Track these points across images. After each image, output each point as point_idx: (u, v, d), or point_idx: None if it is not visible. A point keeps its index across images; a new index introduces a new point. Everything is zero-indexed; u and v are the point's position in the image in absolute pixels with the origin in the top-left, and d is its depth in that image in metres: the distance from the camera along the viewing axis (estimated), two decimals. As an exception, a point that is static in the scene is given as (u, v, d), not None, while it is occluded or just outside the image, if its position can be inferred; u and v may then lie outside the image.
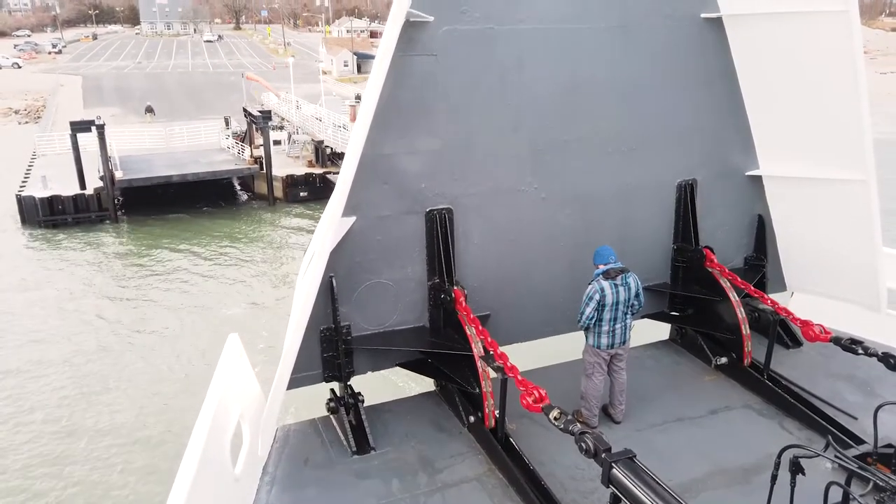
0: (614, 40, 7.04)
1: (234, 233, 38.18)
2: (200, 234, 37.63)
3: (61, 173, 39.89)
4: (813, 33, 6.78)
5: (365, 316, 6.88)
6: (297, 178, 43.96)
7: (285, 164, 45.85)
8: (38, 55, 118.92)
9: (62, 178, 39.58)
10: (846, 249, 7.78)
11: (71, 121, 39.85)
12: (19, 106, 74.78)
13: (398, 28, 5.64)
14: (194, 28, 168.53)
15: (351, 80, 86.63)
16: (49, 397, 21.35)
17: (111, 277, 31.73)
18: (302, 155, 47.91)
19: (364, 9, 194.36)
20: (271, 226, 40.13)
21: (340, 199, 5.84)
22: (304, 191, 43.57)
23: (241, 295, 29.49)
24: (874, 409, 5.75)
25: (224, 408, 5.50)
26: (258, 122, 42.10)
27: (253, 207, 43.12)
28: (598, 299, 6.65)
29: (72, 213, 38.50)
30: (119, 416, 20.16)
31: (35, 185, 39.69)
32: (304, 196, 43.34)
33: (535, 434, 6.66)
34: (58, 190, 38.68)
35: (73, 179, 38.95)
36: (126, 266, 33.24)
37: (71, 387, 21.91)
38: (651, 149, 7.69)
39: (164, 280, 31.25)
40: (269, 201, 42.85)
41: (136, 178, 39.93)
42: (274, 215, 41.50)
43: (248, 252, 35.34)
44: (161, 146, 48.29)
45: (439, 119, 6.56)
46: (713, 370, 8.09)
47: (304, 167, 45.91)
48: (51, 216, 38.10)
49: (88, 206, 38.87)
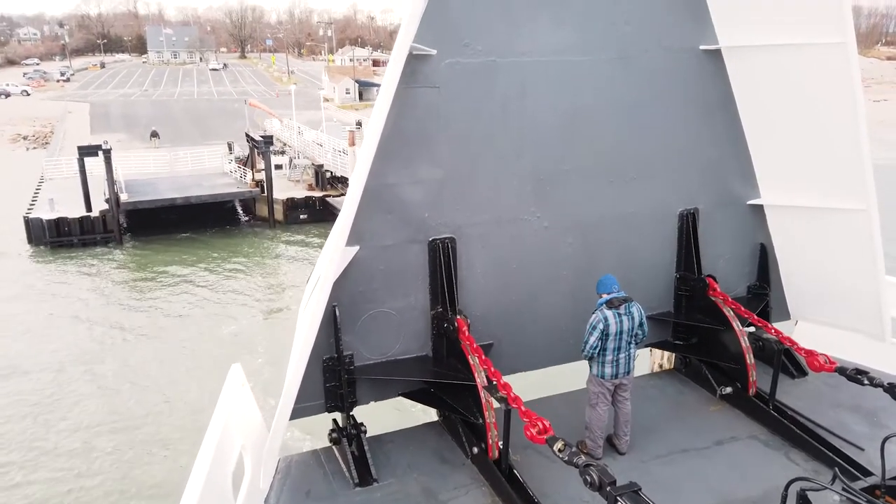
0: (614, 72, 7.16)
1: (235, 254, 39.11)
2: (202, 255, 38.58)
3: (68, 196, 41.06)
4: (811, 65, 6.84)
5: (368, 345, 6.86)
6: (298, 201, 45.07)
7: (286, 188, 47.00)
8: (46, 83, 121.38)
9: (69, 201, 40.73)
10: (849, 278, 7.76)
11: (78, 145, 41.10)
12: (28, 132, 76.41)
13: (402, 61, 5.74)
14: (200, 57, 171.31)
15: (353, 107, 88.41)
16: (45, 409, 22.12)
17: (112, 296, 32.67)
18: (302, 179, 49.14)
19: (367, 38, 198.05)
20: (272, 247, 41.08)
21: (344, 228, 5.86)
22: (304, 213, 44.66)
23: (242, 312, 30.36)
24: (881, 440, 5.70)
25: (226, 439, 5.46)
26: (260, 146, 43.33)
27: (254, 229, 44.16)
28: (602, 329, 6.61)
29: (77, 235, 39.55)
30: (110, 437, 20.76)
31: (42, 207, 40.82)
32: (304, 218, 44.41)
33: (540, 465, 6.57)
34: (64, 212, 39.79)
35: (79, 202, 40.05)
36: (128, 285, 34.19)
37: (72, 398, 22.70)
38: (652, 178, 7.75)
39: (165, 298, 32.17)
40: (269, 223, 43.89)
41: (141, 200, 41.06)
42: (274, 237, 42.49)
43: (249, 272, 36.26)
44: (165, 170, 49.54)
45: (442, 149, 6.64)
46: (718, 400, 8.02)
47: (304, 190, 47.07)
48: (57, 237, 39.14)
49: (94, 227, 39.93)
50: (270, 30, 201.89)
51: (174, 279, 34.95)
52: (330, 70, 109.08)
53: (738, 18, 7.25)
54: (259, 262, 38.45)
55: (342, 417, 6.96)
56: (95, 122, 76.69)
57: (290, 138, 57.75)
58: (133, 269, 36.72)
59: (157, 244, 40.32)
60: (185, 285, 34.05)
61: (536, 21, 6.66)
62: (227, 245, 40.62)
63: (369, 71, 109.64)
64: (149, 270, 36.35)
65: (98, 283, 34.43)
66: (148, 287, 33.99)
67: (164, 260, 37.80)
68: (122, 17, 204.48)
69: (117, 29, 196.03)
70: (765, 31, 7.10)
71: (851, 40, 6.52)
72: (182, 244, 40.49)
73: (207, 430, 5.34)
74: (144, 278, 35.20)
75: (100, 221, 40.00)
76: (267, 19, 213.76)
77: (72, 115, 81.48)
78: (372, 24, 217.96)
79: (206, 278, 35.05)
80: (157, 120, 73.94)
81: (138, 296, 32.70)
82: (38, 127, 78.73)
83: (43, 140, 71.46)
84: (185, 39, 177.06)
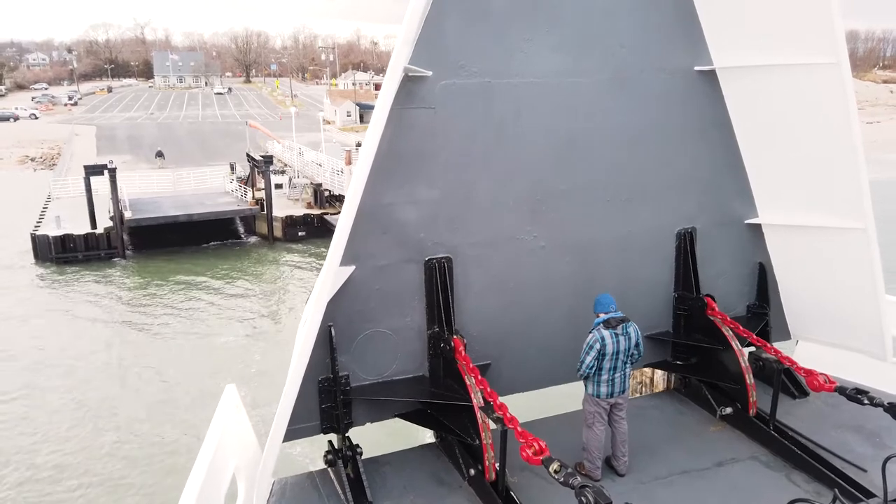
0: (610, 93, 7.21)
1: (235, 270, 40.37)
2: (203, 271, 39.83)
3: (74, 215, 42.57)
4: (805, 85, 6.86)
5: (364, 366, 6.84)
6: (296, 218, 46.45)
7: (285, 206, 48.40)
8: (54, 107, 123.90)
9: (75, 218, 42.22)
10: (849, 298, 7.70)
11: (85, 164, 42.60)
12: (35, 154, 78.33)
13: (396, 82, 5.81)
14: (206, 81, 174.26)
15: (353, 129, 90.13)
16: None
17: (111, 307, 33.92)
18: (301, 197, 50.59)
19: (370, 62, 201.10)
20: (271, 263, 42.37)
21: (339, 248, 5.88)
22: (303, 230, 46.05)
23: (240, 325, 31.51)
24: (882, 460, 5.69)
25: (219, 460, 5.42)
26: (260, 166, 44.84)
27: (254, 246, 45.49)
28: (599, 348, 6.62)
29: (82, 251, 40.97)
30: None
31: (49, 224, 42.25)
32: (303, 235, 45.78)
33: (537, 487, 6.52)
34: (70, 229, 41.19)
35: (85, 220, 41.54)
36: (128, 297, 35.44)
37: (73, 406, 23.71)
38: (649, 198, 7.78)
39: (165, 311, 33.35)
40: (269, 240, 45.21)
41: (144, 217, 42.44)
42: (273, 253, 43.77)
43: (248, 286, 37.45)
44: (169, 189, 51.00)
45: (438, 169, 6.66)
46: (718, 420, 7.97)
47: (303, 209, 48.51)
48: (63, 253, 40.54)
49: (98, 244, 41.32)
50: (275, 55, 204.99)
51: (174, 292, 36.15)
52: (331, 93, 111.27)
53: (731, 39, 7.30)
54: (258, 275, 39.71)
55: (338, 439, 6.89)
56: (102, 144, 78.49)
57: (290, 159, 59.27)
58: (134, 283, 38.00)
59: (159, 260, 41.64)
60: (185, 299, 35.25)
61: (531, 43, 6.72)
62: (227, 261, 41.88)
63: (370, 94, 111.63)
64: (150, 284, 37.62)
65: (98, 296, 35.72)
66: (147, 299, 35.22)
67: (166, 275, 39.05)
68: (129, 42, 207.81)
69: (125, 54, 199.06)
70: (759, 52, 7.13)
71: (845, 60, 6.55)
72: (183, 260, 41.80)
73: (200, 450, 5.27)
74: (146, 292, 36.43)
75: (104, 238, 41.41)
76: (272, 44, 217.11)
77: (79, 138, 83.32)
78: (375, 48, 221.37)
79: (205, 292, 36.26)
80: (162, 142, 75.67)
81: (137, 308, 33.90)
82: (45, 149, 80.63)
83: (50, 162, 73.18)
84: (191, 64, 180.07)
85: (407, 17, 5.64)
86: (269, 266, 41.81)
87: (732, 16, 7.20)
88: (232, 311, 33.25)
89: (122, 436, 21.40)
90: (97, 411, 23.00)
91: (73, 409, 23.29)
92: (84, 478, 19.27)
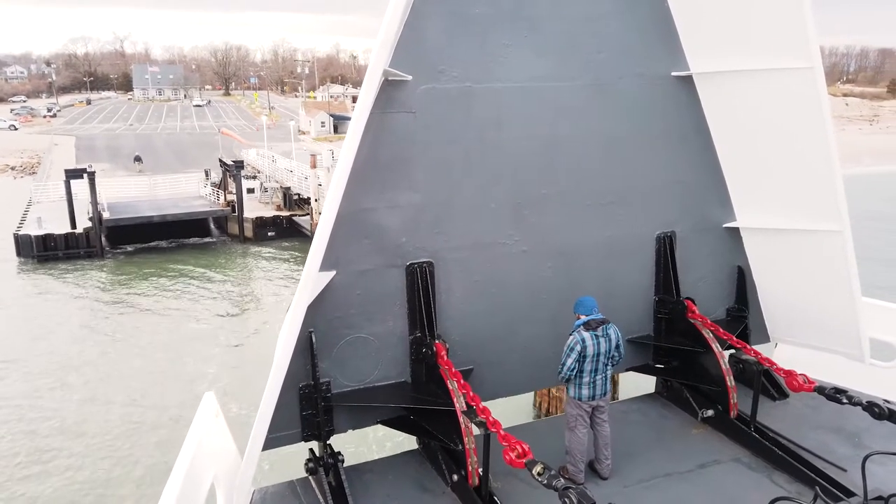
0: (589, 98, 7.29)
1: (207, 268, 43.17)
2: (176, 268, 42.63)
3: (54, 216, 45.31)
4: (780, 89, 6.93)
5: (345, 372, 6.80)
6: (266, 219, 49.54)
7: (256, 208, 51.44)
8: (33, 119, 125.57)
9: (55, 220, 44.92)
10: (826, 300, 7.78)
11: (65, 168, 45.43)
12: (15, 163, 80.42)
13: (375, 86, 5.79)
14: (185, 94, 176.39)
15: (327, 139, 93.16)
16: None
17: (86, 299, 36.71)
18: (272, 201, 53.70)
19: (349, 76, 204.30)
20: (240, 260, 45.34)
21: (318, 253, 5.81)
22: (272, 231, 49.11)
23: (207, 312, 34.50)
24: (862, 460, 5.76)
25: (197, 469, 5.35)
26: (231, 170, 47.73)
27: (226, 245, 48.46)
28: (580, 350, 6.64)
29: (63, 249, 43.62)
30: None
31: (31, 225, 44.91)
32: (272, 236, 48.82)
33: (521, 492, 6.54)
34: (51, 230, 43.85)
35: (65, 221, 44.20)
36: (103, 291, 38.27)
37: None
38: (629, 202, 7.85)
39: (137, 301, 36.23)
40: (240, 240, 48.17)
41: (122, 217, 45.26)
42: (244, 252, 46.81)
43: (218, 281, 40.35)
44: (146, 194, 53.67)
45: (419, 174, 6.67)
46: (700, 423, 8.03)
47: (272, 210, 51.58)
48: (44, 251, 43.18)
49: (78, 243, 44.02)
50: (254, 68, 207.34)
51: (148, 287, 38.97)
52: (306, 105, 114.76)
53: (707, 45, 7.39)
54: (228, 271, 42.69)
55: (319, 446, 6.86)
56: (81, 154, 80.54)
57: (262, 165, 62.22)
58: (110, 279, 40.75)
59: (135, 257, 44.50)
60: (158, 293, 38.09)
61: (511, 48, 6.80)
62: (200, 258, 44.73)
63: (344, 106, 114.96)
64: (125, 280, 40.40)
65: (76, 289, 38.54)
66: (122, 292, 38.07)
67: (141, 271, 41.86)
68: (109, 56, 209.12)
69: (104, 67, 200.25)
70: (734, 57, 7.22)
71: (818, 65, 6.63)
72: (159, 258, 44.63)
73: (177, 459, 5.22)
74: (121, 287, 39.24)
75: (83, 237, 44.13)
76: (252, 58, 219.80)
77: (58, 147, 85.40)
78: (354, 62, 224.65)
79: (177, 286, 39.14)
80: (140, 150, 78.11)
81: (111, 300, 36.76)
82: (25, 158, 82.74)
83: (30, 170, 75.40)
84: (170, 77, 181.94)
85: (386, 21, 5.59)
86: (237, 262, 44.85)
87: (708, 22, 7.31)
88: (200, 301, 36.22)
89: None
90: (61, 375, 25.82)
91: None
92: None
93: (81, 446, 21.23)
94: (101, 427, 22.27)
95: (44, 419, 22.95)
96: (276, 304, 35.45)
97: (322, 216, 5.86)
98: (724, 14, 7.11)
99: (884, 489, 5.93)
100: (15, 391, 25.15)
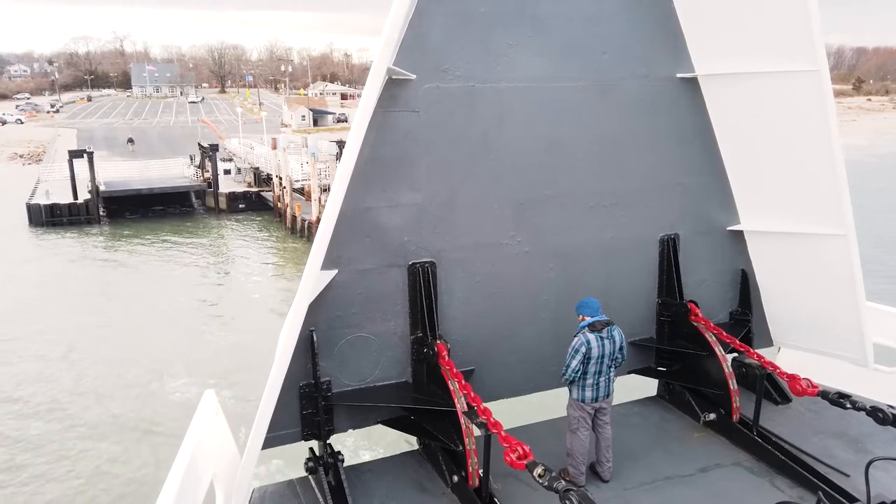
0: (593, 99, 7.24)
1: (187, 231, 52.64)
2: (162, 232, 52.11)
3: (59, 190, 54.82)
4: (786, 92, 6.89)
5: (346, 371, 6.78)
6: (238, 194, 59.31)
7: (230, 185, 61.06)
8: (37, 114, 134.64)
9: (60, 193, 54.45)
10: (830, 304, 7.71)
11: (69, 149, 55.22)
12: (23, 152, 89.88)
13: (379, 84, 5.80)
14: (181, 91, 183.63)
15: (306, 130, 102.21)
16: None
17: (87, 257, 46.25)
18: (245, 180, 63.17)
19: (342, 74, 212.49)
20: (215, 223, 55.16)
21: (320, 251, 5.80)
22: (242, 203, 58.69)
23: (185, 268, 44.30)
24: (865, 465, 5.75)
25: (195, 467, 5.31)
26: (208, 152, 57.16)
27: (203, 215, 58.04)
28: (585, 352, 6.57)
29: (67, 216, 52.93)
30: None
31: (40, 196, 54.44)
32: (242, 208, 58.46)
33: (522, 494, 6.50)
34: (57, 200, 53.30)
35: (68, 194, 53.70)
36: (101, 250, 47.83)
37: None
38: (632, 204, 7.76)
39: (127, 259, 45.87)
40: (215, 211, 57.70)
41: (116, 190, 55.12)
42: (218, 221, 56.29)
43: (196, 243, 49.95)
44: (138, 175, 62.67)
45: (422, 173, 6.64)
46: (702, 426, 7.96)
47: (244, 187, 61.20)
48: (51, 218, 52.51)
49: (80, 211, 53.44)
50: (249, 67, 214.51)
51: (138, 247, 48.29)
52: (288, 100, 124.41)
53: (713, 47, 7.33)
54: (205, 236, 52.27)
55: (319, 446, 6.83)
56: (82, 143, 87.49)
57: (241, 152, 71.44)
58: (106, 241, 50.24)
59: (127, 224, 54.07)
60: (146, 252, 47.43)
61: (515, 48, 6.78)
62: (182, 226, 54.26)
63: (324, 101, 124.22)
64: (119, 242, 49.87)
65: (80, 249, 47.82)
66: (117, 252, 47.42)
67: (132, 235, 51.33)
68: (109, 55, 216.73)
69: (104, 66, 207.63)
70: (740, 60, 7.17)
71: (824, 68, 6.56)
72: (146, 224, 54.12)
73: (176, 457, 5.17)
74: (115, 247, 48.67)
75: (84, 206, 53.54)
76: (248, 57, 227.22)
77: (61, 138, 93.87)
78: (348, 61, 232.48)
79: (163, 246, 48.62)
80: (135, 139, 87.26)
81: (107, 256, 46.10)
82: (31, 148, 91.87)
83: (37, 158, 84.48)
84: (168, 75, 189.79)
85: (390, 20, 5.57)
86: (212, 225, 54.60)
87: (714, 24, 7.25)
88: (179, 259, 45.68)
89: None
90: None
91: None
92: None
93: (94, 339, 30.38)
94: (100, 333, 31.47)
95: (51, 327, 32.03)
96: (242, 257, 45.11)
97: (325, 214, 5.89)
98: (730, 16, 7.10)
99: (887, 495, 5.91)
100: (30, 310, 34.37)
